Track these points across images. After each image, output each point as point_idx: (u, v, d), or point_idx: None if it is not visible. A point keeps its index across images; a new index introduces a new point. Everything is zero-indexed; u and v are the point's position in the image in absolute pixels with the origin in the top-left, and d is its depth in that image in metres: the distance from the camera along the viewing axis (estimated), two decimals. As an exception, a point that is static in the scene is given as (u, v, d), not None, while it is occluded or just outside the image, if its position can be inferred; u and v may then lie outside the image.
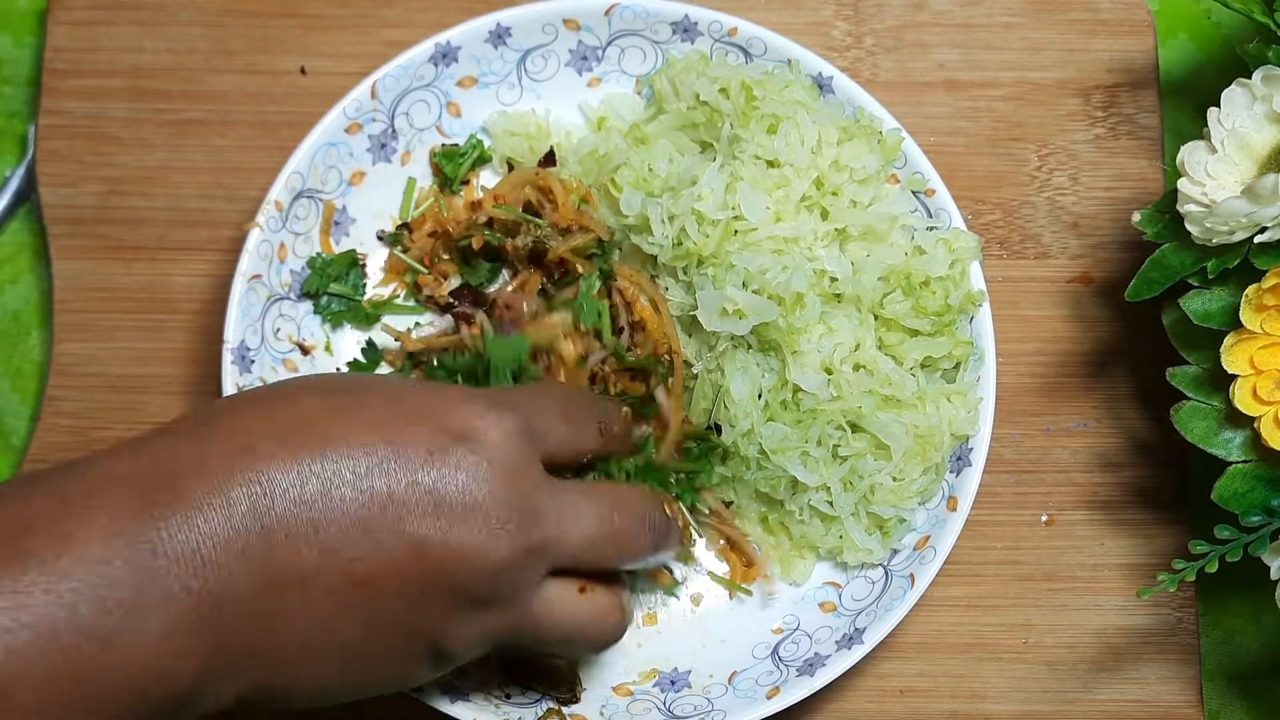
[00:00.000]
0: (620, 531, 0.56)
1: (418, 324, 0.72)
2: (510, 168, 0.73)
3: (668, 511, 0.60)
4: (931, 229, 0.70)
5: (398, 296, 0.72)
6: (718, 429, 0.67)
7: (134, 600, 0.45)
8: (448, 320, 0.72)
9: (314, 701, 0.53)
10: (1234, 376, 0.63)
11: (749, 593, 0.69)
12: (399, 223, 0.72)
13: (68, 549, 0.45)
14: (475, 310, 0.68)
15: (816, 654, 0.66)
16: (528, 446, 0.53)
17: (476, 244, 0.70)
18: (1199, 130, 0.65)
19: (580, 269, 0.68)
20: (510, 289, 0.70)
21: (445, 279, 0.71)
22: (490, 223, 0.70)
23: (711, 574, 0.69)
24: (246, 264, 0.67)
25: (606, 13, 0.72)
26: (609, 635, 0.58)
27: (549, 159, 0.72)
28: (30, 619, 0.44)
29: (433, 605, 0.51)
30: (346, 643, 0.50)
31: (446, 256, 0.72)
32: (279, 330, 0.69)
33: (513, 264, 0.71)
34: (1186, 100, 0.80)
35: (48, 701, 0.44)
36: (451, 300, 0.70)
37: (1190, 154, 0.64)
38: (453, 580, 0.51)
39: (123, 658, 0.45)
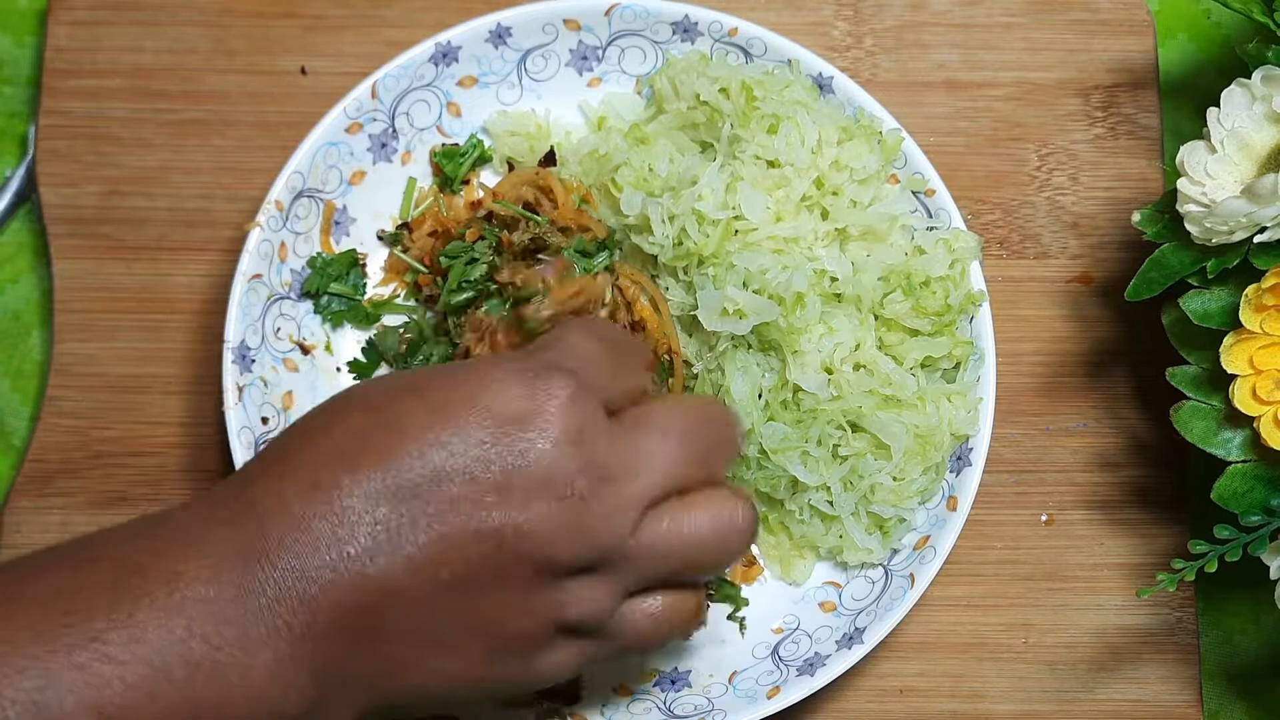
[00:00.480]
0: (698, 445, 0.54)
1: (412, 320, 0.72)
2: (511, 168, 0.73)
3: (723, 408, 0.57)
4: (931, 229, 0.70)
5: (398, 296, 0.72)
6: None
7: (241, 636, 0.46)
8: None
9: (449, 704, 0.54)
10: (1233, 376, 0.63)
11: (743, 624, 0.68)
12: (399, 222, 0.72)
13: (178, 587, 0.46)
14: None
15: (816, 654, 0.66)
16: (587, 403, 0.51)
17: (470, 236, 0.70)
18: (1199, 130, 0.65)
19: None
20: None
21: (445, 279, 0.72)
22: (490, 217, 0.70)
23: (709, 593, 0.69)
24: (247, 264, 0.67)
25: (607, 13, 0.72)
26: (733, 549, 0.55)
27: (549, 159, 0.72)
28: (146, 654, 0.45)
29: (533, 584, 0.50)
30: (455, 644, 0.51)
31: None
32: (279, 330, 0.69)
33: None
34: (1186, 100, 0.80)
35: None
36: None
37: (1190, 154, 0.64)
38: (538, 558, 0.50)
39: (236, 691, 0.46)
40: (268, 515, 0.49)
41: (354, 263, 0.71)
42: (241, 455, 0.65)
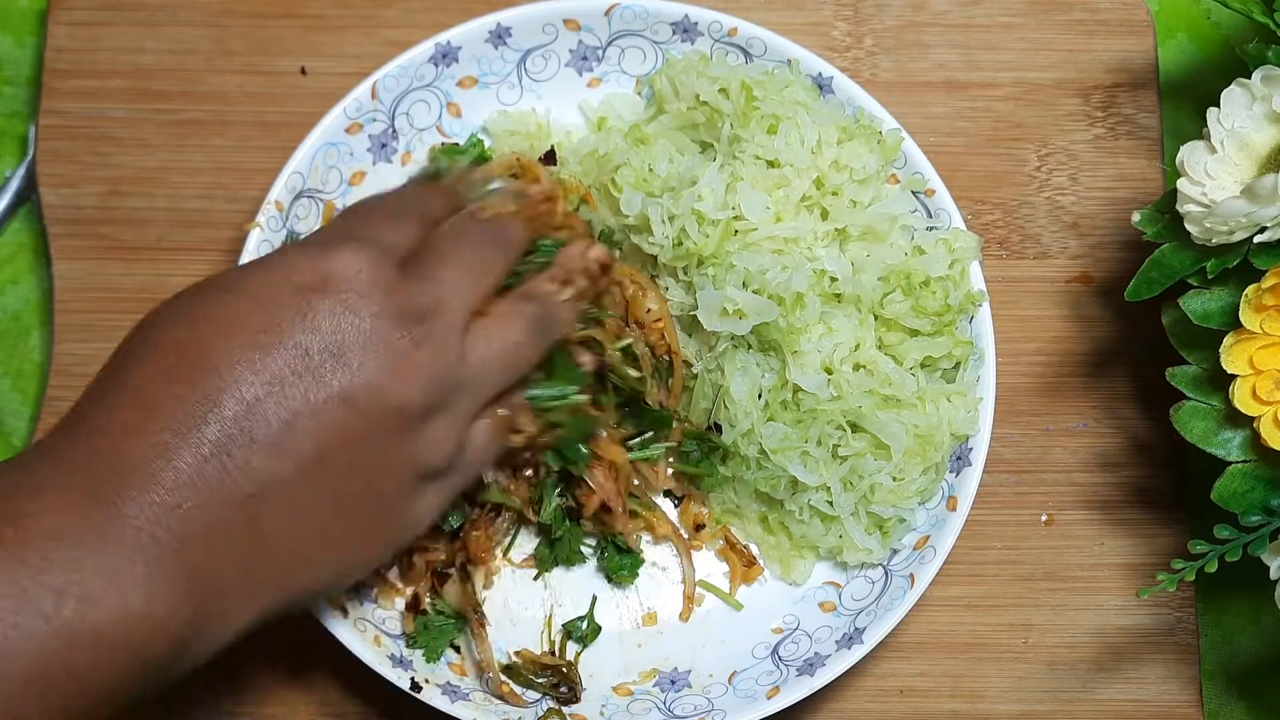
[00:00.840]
0: (485, 244, 0.59)
1: None
2: (515, 177, 0.73)
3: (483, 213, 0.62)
4: (931, 229, 0.70)
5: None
6: (718, 429, 0.68)
7: (102, 561, 0.46)
8: None
9: (336, 587, 0.55)
10: (1233, 376, 0.63)
11: (739, 605, 0.69)
12: None
13: (24, 524, 0.45)
14: None
15: (816, 654, 0.66)
16: (380, 261, 0.53)
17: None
18: (1199, 130, 0.65)
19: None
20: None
21: None
22: None
23: (703, 582, 0.69)
24: (247, 264, 0.67)
25: (607, 13, 0.72)
26: (549, 323, 0.60)
27: (549, 158, 0.72)
28: (3, 589, 0.44)
29: (392, 436, 0.52)
30: (336, 520, 0.52)
31: None
32: (279, 330, 0.69)
33: None
34: (1186, 100, 0.80)
35: (41, 675, 0.44)
36: None
37: (1190, 154, 0.64)
38: (394, 408, 0.52)
39: (111, 614, 0.45)
40: (112, 442, 0.48)
41: None
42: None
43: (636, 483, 0.69)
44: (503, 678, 0.66)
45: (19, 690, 0.44)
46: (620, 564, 0.69)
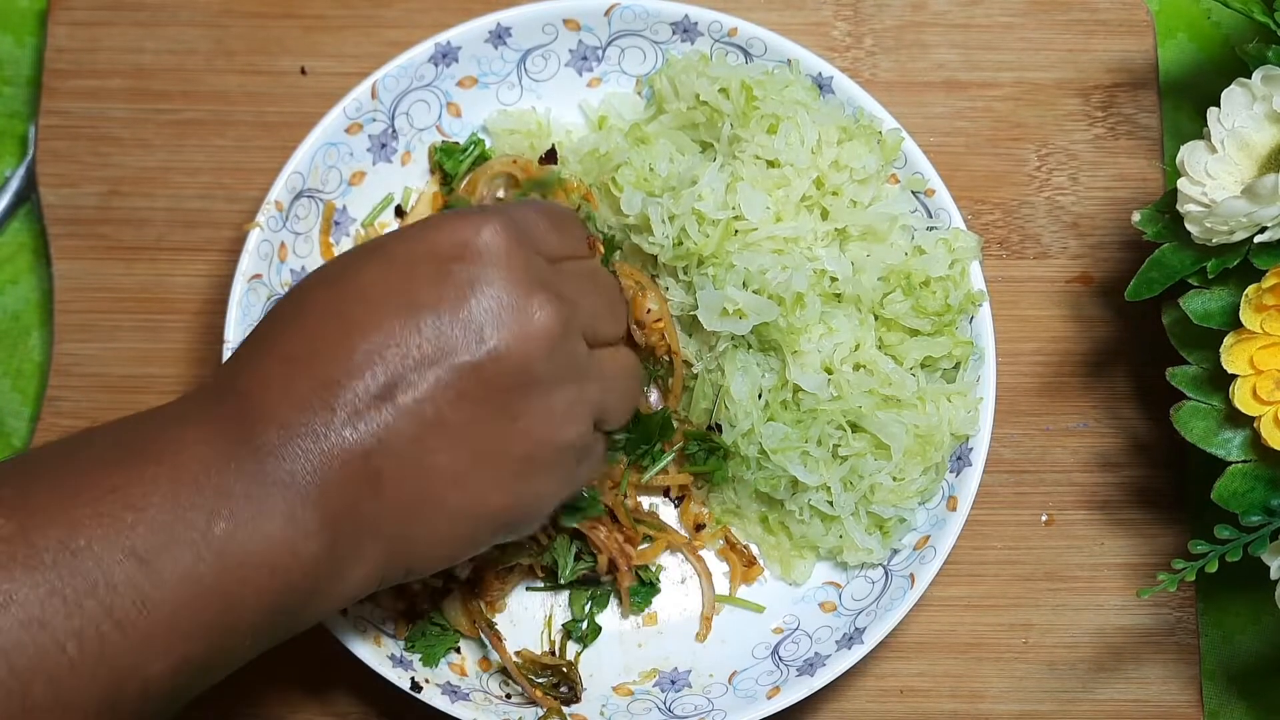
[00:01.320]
0: (612, 307, 0.62)
1: None
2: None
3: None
4: (931, 229, 0.70)
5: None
6: (718, 429, 0.68)
7: (248, 489, 0.48)
8: None
9: (451, 559, 0.56)
10: (1234, 376, 0.63)
11: (759, 609, 0.69)
12: (395, 205, 0.73)
13: (179, 451, 0.48)
14: None
15: (816, 654, 0.66)
16: (519, 242, 0.55)
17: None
18: (1199, 130, 0.65)
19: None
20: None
21: None
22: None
23: (722, 597, 0.69)
24: (247, 264, 0.67)
25: (606, 13, 0.72)
26: (639, 376, 0.64)
27: (550, 157, 0.72)
28: (162, 500, 0.46)
29: (524, 406, 0.54)
30: (458, 478, 0.53)
31: None
32: (279, 330, 0.69)
33: None
34: (1186, 100, 0.80)
35: (195, 588, 0.46)
36: None
37: (1190, 154, 0.64)
38: (527, 376, 0.53)
39: (253, 533, 0.48)
40: (260, 390, 0.51)
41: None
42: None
43: (646, 506, 0.70)
44: (526, 679, 0.66)
45: (176, 603, 0.46)
46: (635, 592, 0.69)
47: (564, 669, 0.67)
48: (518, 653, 0.67)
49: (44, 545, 0.44)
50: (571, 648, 0.68)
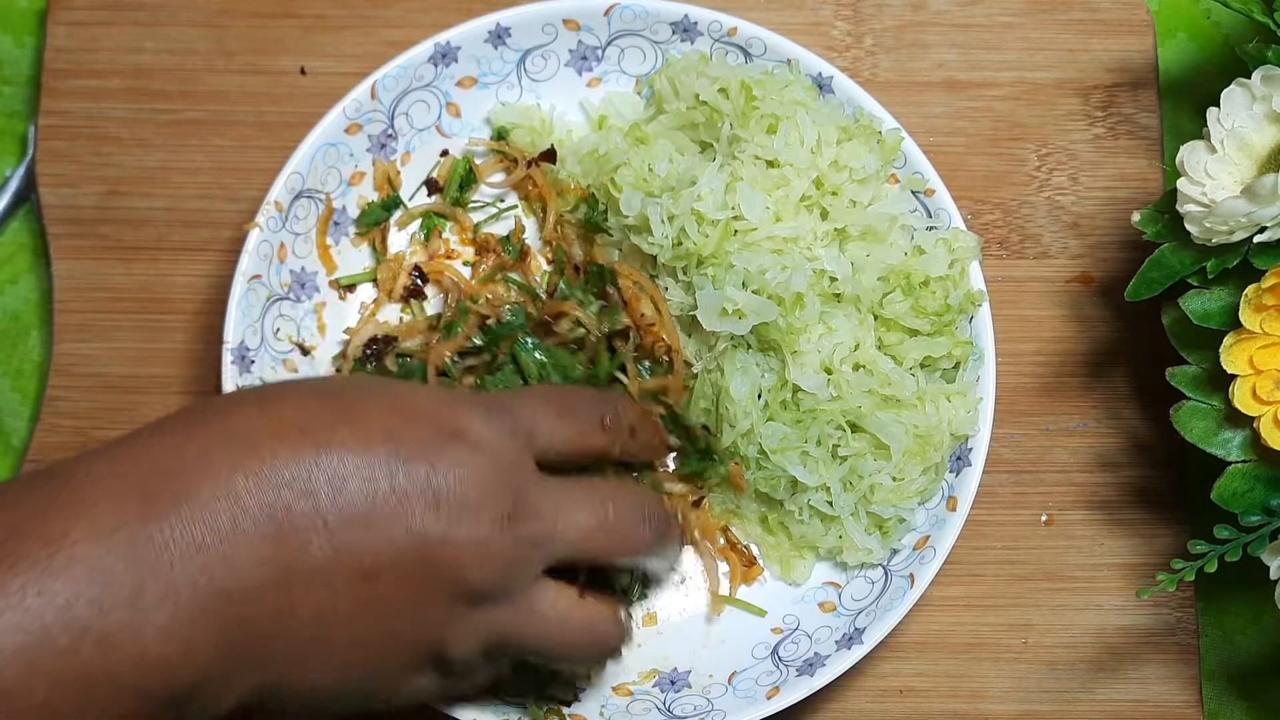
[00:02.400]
0: (617, 524, 0.56)
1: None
2: (513, 163, 0.73)
3: (666, 507, 0.60)
4: (931, 229, 0.70)
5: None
6: (705, 429, 0.67)
7: (134, 598, 0.45)
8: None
9: (313, 704, 0.52)
10: (1233, 376, 0.63)
11: (761, 612, 0.69)
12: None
13: (61, 548, 0.44)
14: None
15: (816, 654, 0.66)
16: (521, 445, 0.54)
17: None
18: (1198, 130, 0.65)
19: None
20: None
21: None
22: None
23: (724, 598, 0.69)
24: (246, 264, 0.67)
25: (606, 13, 0.72)
26: (608, 642, 0.58)
27: (549, 156, 0.72)
28: (23, 621, 0.43)
29: (436, 602, 0.51)
30: (353, 639, 0.51)
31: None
32: (279, 330, 0.69)
33: None
34: (1186, 100, 0.80)
35: (53, 705, 0.43)
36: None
37: (1190, 154, 0.64)
38: (454, 575, 0.51)
39: (126, 656, 0.44)
40: (185, 471, 0.47)
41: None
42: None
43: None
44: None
45: None
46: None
47: (563, 673, 0.66)
48: None
49: None
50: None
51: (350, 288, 0.72)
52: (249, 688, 0.50)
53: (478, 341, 0.68)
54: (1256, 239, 0.62)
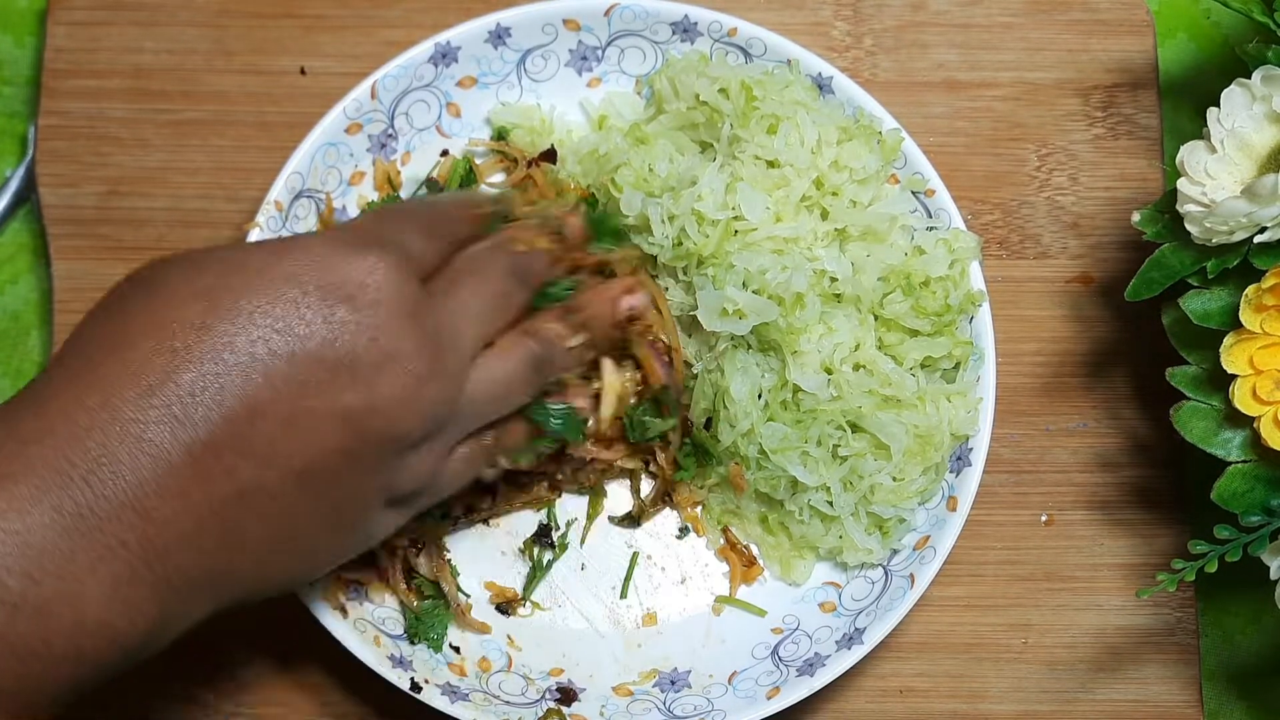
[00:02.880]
0: (506, 289, 0.57)
1: None
2: (513, 162, 0.73)
3: (531, 250, 0.60)
4: (931, 229, 0.70)
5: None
6: (705, 424, 0.67)
7: (66, 564, 0.43)
8: None
9: (292, 586, 0.53)
10: (1233, 376, 0.63)
11: (761, 612, 0.69)
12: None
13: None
14: None
15: (816, 654, 0.66)
16: (407, 278, 0.51)
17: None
18: (1199, 130, 0.65)
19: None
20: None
21: None
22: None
23: (723, 598, 0.69)
24: (246, 264, 0.67)
25: (606, 13, 0.72)
26: (548, 365, 0.59)
27: (549, 156, 0.72)
28: None
29: (376, 462, 0.51)
30: (306, 530, 0.50)
31: None
32: (279, 330, 0.69)
33: None
34: (1186, 100, 0.80)
35: None
36: None
37: (1190, 154, 0.64)
38: (388, 434, 0.50)
39: (66, 624, 0.44)
40: (94, 425, 0.45)
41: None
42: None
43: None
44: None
45: None
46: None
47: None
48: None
49: None
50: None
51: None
52: (211, 607, 0.49)
53: None
54: (1256, 239, 0.62)
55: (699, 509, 0.70)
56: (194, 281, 0.49)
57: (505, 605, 0.69)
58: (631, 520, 0.70)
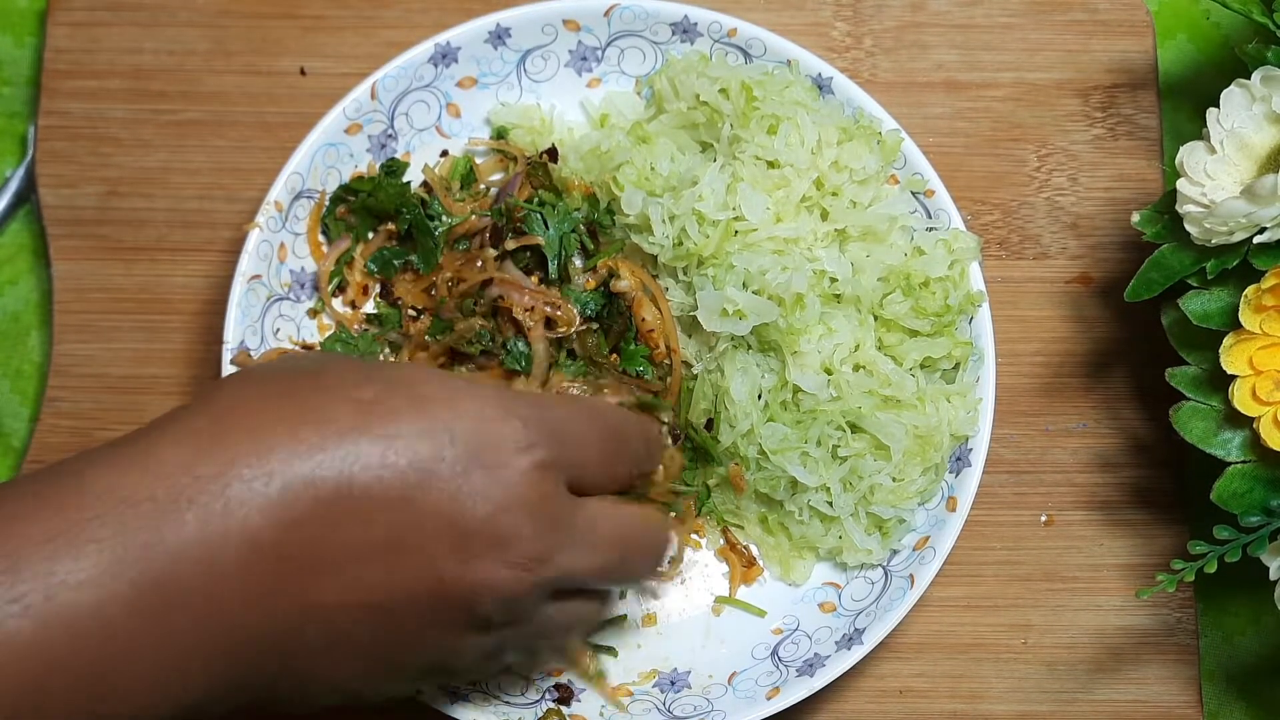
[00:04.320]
0: (631, 567, 0.56)
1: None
2: (513, 159, 0.73)
3: (675, 541, 0.60)
4: (931, 229, 0.70)
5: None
6: (705, 425, 0.68)
7: (130, 647, 0.44)
8: None
9: (313, 710, 0.52)
10: (1233, 377, 0.63)
11: (761, 613, 0.69)
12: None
13: (59, 593, 0.43)
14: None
15: (816, 654, 0.66)
16: (556, 480, 0.50)
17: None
18: (1198, 130, 0.65)
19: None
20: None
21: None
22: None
23: (723, 598, 0.69)
24: (246, 264, 0.67)
25: (606, 13, 0.72)
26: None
27: (551, 155, 0.72)
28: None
29: (444, 629, 0.50)
30: (354, 669, 0.50)
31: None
32: (279, 330, 0.69)
33: None
34: (1186, 101, 0.80)
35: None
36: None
37: (1189, 154, 0.64)
38: (468, 610, 0.50)
39: (119, 684, 0.44)
40: (189, 497, 0.44)
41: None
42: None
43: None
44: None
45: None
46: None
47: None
48: None
49: None
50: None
51: (350, 288, 0.72)
52: (250, 701, 0.49)
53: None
54: (1256, 239, 0.62)
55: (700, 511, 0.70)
56: (361, 388, 0.48)
57: None
58: None
